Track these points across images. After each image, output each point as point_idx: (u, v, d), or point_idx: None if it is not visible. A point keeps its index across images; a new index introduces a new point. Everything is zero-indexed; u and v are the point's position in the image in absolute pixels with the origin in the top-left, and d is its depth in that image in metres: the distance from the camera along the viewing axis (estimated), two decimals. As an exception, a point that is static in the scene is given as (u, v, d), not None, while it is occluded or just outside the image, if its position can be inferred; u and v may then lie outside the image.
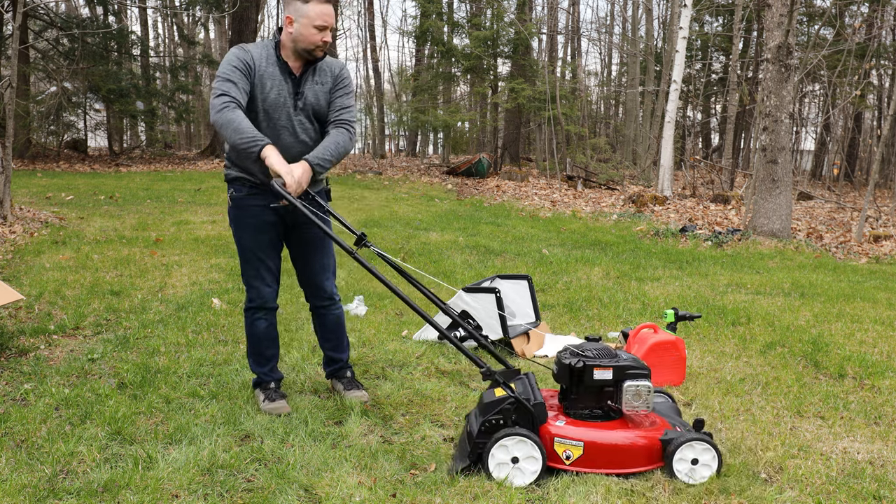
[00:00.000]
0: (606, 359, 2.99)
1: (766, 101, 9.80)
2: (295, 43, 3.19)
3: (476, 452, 2.87)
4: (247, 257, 3.41)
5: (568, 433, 2.88)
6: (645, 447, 2.89)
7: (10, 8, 12.46)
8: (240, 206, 3.33)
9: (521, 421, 2.89)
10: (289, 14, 3.18)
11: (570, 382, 3.01)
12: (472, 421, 3.03)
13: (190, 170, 19.52)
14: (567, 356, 3.03)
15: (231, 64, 3.14)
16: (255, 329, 3.51)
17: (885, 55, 20.94)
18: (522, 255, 8.12)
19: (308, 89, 3.28)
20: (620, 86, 27.45)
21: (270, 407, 3.42)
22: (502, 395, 2.96)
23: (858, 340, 4.97)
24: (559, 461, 2.87)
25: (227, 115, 3.04)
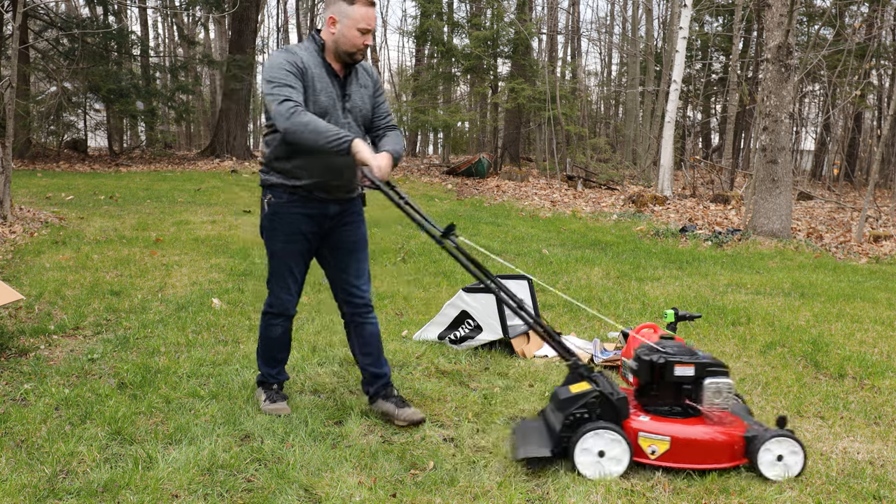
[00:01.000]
0: (687, 356, 3.01)
1: (766, 101, 9.80)
2: (336, 45, 3.13)
3: (561, 446, 2.89)
4: (276, 264, 3.35)
5: (654, 428, 2.91)
6: (728, 444, 2.91)
7: (10, 8, 12.46)
8: (277, 212, 3.25)
9: (605, 415, 2.91)
10: (332, 14, 3.11)
11: (650, 379, 3.02)
12: (551, 416, 3.06)
13: (190, 170, 19.52)
14: (648, 353, 3.05)
15: (283, 68, 3.05)
16: (271, 333, 3.47)
17: (885, 55, 20.94)
18: (522, 255, 8.12)
19: (354, 92, 3.24)
20: (620, 86, 27.45)
21: (271, 408, 3.41)
22: (580, 390, 2.98)
23: (858, 340, 4.97)
24: (644, 456, 2.90)
25: (301, 118, 2.97)
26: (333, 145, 2.96)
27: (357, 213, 3.40)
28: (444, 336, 4.57)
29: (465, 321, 4.48)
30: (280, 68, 3.05)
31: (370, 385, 3.48)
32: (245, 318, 5.01)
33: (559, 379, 4.01)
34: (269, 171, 3.25)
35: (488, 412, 3.51)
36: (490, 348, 4.49)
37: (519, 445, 3.01)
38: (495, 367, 4.21)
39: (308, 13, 29.44)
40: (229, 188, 14.73)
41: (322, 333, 4.70)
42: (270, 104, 3.02)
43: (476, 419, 3.43)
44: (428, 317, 5.01)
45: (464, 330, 4.50)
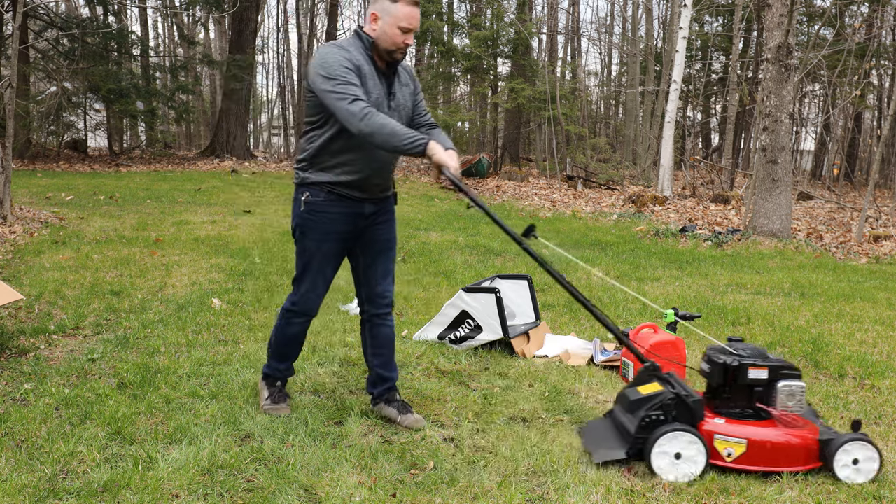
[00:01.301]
0: (761, 358, 3.01)
1: (766, 101, 9.80)
2: (377, 41, 3.11)
3: (636, 448, 2.90)
4: (307, 263, 3.28)
5: (730, 431, 2.91)
6: (804, 447, 2.91)
7: (10, 8, 12.46)
8: (314, 211, 3.20)
9: (680, 417, 2.92)
10: (374, 11, 3.09)
11: (723, 381, 3.02)
12: (622, 417, 3.06)
13: (190, 170, 19.52)
14: (721, 355, 3.05)
15: (343, 65, 3.00)
16: (289, 331, 3.42)
17: (885, 55, 20.94)
18: (522, 255, 8.11)
19: (398, 90, 3.22)
20: (620, 86, 27.45)
21: (272, 407, 3.40)
22: (651, 391, 2.99)
23: (858, 340, 4.97)
24: (720, 458, 2.90)
25: (376, 119, 2.92)
26: (409, 147, 2.94)
27: (390, 212, 3.39)
28: (444, 336, 4.57)
29: (465, 321, 4.48)
30: (339, 65, 3.00)
31: (375, 387, 3.47)
32: (245, 318, 5.01)
33: (559, 379, 4.02)
34: (309, 168, 3.20)
35: (488, 412, 3.51)
36: (490, 348, 4.49)
37: (593, 449, 3.03)
38: (495, 367, 4.21)
39: (308, 13, 29.44)
40: (229, 188, 14.74)
41: (322, 333, 4.70)
42: (337, 103, 2.96)
43: (476, 419, 3.43)
44: (428, 317, 5.01)
45: (464, 330, 4.50)
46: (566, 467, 2.93)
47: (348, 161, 3.14)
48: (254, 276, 6.41)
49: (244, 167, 20.70)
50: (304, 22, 29.81)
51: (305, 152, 3.21)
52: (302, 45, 28.96)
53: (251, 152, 25.56)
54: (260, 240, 8.33)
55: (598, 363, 4.33)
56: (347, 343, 4.51)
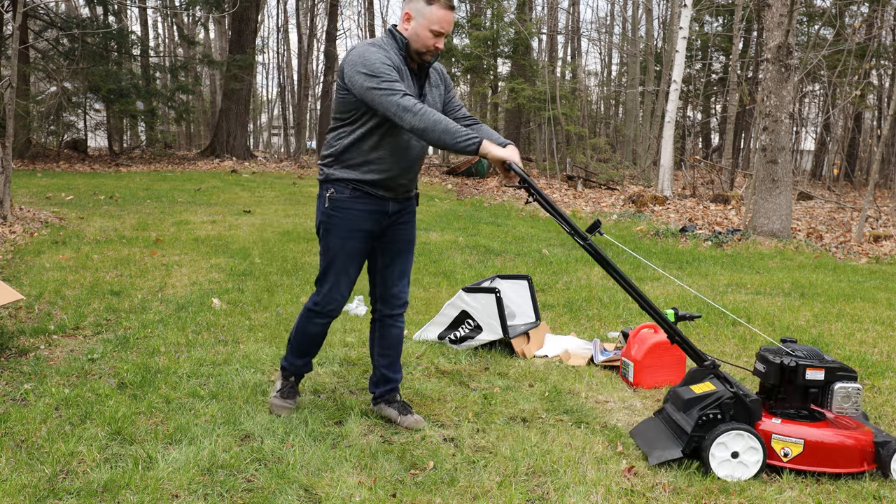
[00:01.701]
0: (818, 360, 3.01)
1: (766, 101, 9.80)
2: (409, 42, 3.08)
3: (692, 446, 2.90)
4: (332, 261, 3.23)
5: (787, 431, 2.92)
6: (859, 448, 2.91)
7: (10, 8, 12.45)
8: (338, 207, 3.16)
9: (738, 416, 2.92)
10: (408, 10, 3.06)
11: (779, 381, 3.02)
12: (676, 415, 3.06)
13: (190, 170, 19.53)
14: (778, 355, 3.05)
15: (385, 62, 2.96)
16: (311, 330, 3.38)
17: (885, 55, 20.94)
18: (522, 255, 8.12)
19: (427, 91, 3.20)
20: (620, 86, 27.45)
21: (279, 403, 3.41)
22: (706, 390, 2.99)
23: (858, 340, 4.97)
24: (777, 458, 2.91)
25: (431, 115, 2.89)
26: (464, 145, 2.91)
27: (412, 212, 3.37)
28: (444, 336, 4.57)
29: (465, 321, 4.49)
30: (382, 63, 2.96)
31: (378, 387, 3.46)
32: (245, 318, 5.01)
33: (559, 379, 4.02)
34: (335, 164, 3.16)
35: (488, 412, 3.51)
36: (490, 348, 4.49)
37: (648, 451, 3.03)
38: (495, 367, 4.21)
39: (308, 13, 29.43)
40: (229, 188, 14.74)
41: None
42: (388, 98, 2.90)
43: (476, 419, 3.43)
44: (428, 317, 5.01)
45: (464, 330, 4.50)
46: (566, 467, 2.94)
47: (376, 160, 3.12)
48: (254, 276, 6.41)
49: (244, 167, 20.70)
50: (304, 22, 29.80)
51: (332, 149, 3.17)
52: (302, 45, 28.95)
53: (251, 152, 25.57)
54: (260, 240, 8.33)
55: (598, 363, 4.33)
56: (347, 343, 4.51)
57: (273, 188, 15.10)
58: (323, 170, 3.21)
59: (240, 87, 22.69)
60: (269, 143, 40.24)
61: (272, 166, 21.94)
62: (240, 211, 10.95)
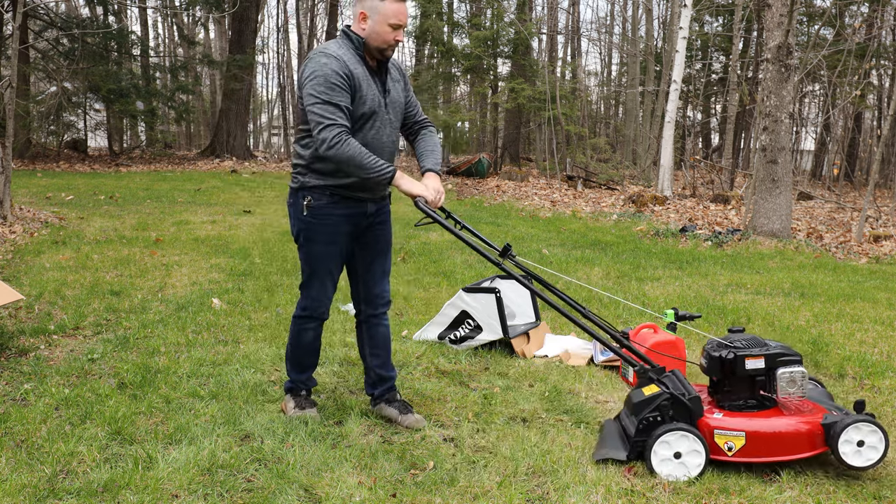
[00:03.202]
0: (757, 348, 3.00)
1: (766, 101, 9.80)
2: (368, 41, 3.07)
3: (636, 451, 2.92)
4: (314, 267, 3.24)
5: (728, 424, 2.91)
6: (807, 433, 2.89)
7: (10, 8, 12.45)
8: (317, 215, 3.14)
9: (678, 416, 2.92)
10: (363, 10, 3.05)
11: (721, 374, 3.02)
12: (626, 419, 3.08)
13: (190, 170, 19.53)
14: (716, 348, 3.05)
15: (330, 80, 2.94)
16: (303, 338, 3.37)
17: (885, 55, 20.93)
18: (522, 255, 8.12)
19: (391, 87, 3.19)
20: (620, 86, 27.45)
21: (300, 415, 3.34)
22: (653, 392, 2.99)
23: (858, 340, 4.97)
24: (721, 453, 2.90)
25: (344, 150, 2.93)
26: (377, 178, 2.99)
27: (388, 212, 3.38)
28: (444, 336, 4.57)
29: (465, 321, 4.49)
30: (326, 81, 2.95)
31: (375, 387, 3.46)
32: (245, 318, 5.01)
33: (559, 379, 4.02)
34: (308, 173, 3.15)
35: (488, 412, 3.51)
36: (490, 348, 4.49)
37: (597, 447, 3.06)
38: (495, 367, 4.21)
39: (308, 13, 29.44)
40: (229, 188, 14.73)
41: (322, 333, 4.69)
42: (312, 124, 2.97)
43: (476, 419, 3.43)
44: (428, 317, 5.01)
45: (464, 330, 4.50)
46: (566, 467, 2.94)
47: None
48: (254, 276, 6.41)
49: (244, 167, 20.70)
50: (304, 22, 29.83)
51: (302, 158, 3.16)
52: (302, 45, 28.98)
53: (251, 152, 25.56)
54: (260, 240, 8.33)
55: (598, 363, 4.33)
56: (347, 343, 4.51)
57: (273, 188, 15.10)
58: (297, 178, 3.19)
59: (240, 87, 22.68)
60: (269, 143, 40.23)
61: (272, 166, 21.94)
62: (240, 211, 10.95)
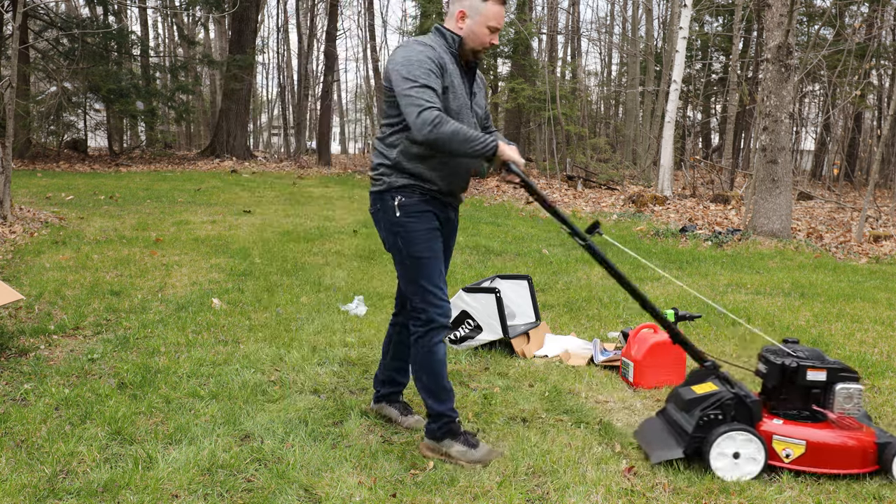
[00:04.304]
0: (819, 360, 3.01)
1: (766, 101, 9.80)
2: (465, 41, 2.97)
3: (693, 446, 2.91)
4: (426, 268, 3.00)
5: (788, 432, 2.92)
6: (861, 449, 2.91)
7: (10, 8, 12.45)
8: (411, 213, 2.96)
9: (739, 417, 2.93)
10: (462, 9, 2.94)
11: (780, 382, 3.02)
12: (676, 415, 3.07)
13: (190, 170, 19.53)
14: (778, 356, 3.04)
15: (424, 65, 2.83)
16: (438, 355, 3.01)
17: (885, 55, 20.94)
18: (522, 255, 8.12)
19: (477, 90, 3.13)
20: (620, 86, 27.45)
21: (483, 454, 2.99)
22: (709, 390, 2.99)
23: (858, 340, 4.97)
24: (778, 459, 2.91)
25: (446, 127, 2.78)
26: (481, 151, 2.84)
27: (457, 220, 3.29)
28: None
29: (465, 321, 4.49)
30: (420, 65, 2.83)
31: (384, 386, 3.41)
32: (245, 318, 5.01)
33: (559, 379, 4.02)
34: (394, 173, 2.97)
35: (488, 412, 3.51)
36: (490, 348, 4.49)
37: (649, 450, 3.03)
38: (495, 367, 4.21)
39: (308, 13, 29.44)
40: (229, 188, 14.73)
41: (322, 333, 4.70)
42: (409, 108, 2.81)
43: (476, 419, 3.43)
44: (428, 317, 5.00)
45: (464, 330, 4.50)
46: (566, 467, 2.94)
47: (437, 165, 2.98)
48: (254, 276, 6.41)
49: (244, 167, 20.70)
50: (304, 22, 29.82)
51: (387, 158, 2.98)
52: (302, 45, 28.96)
53: (251, 152, 25.58)
54: (260, 240, 8.33)
55: (598, 363, 4.33)
56: (347, 343, 4.51)
57: (273, 188, 15.10)
58: (382, 179, 2.99)
59: (240, 87, 22.69)
60: (269, 143, 40.25)
61: (272, 166, 21.94)
62: (240, 211, 10.95)
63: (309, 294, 5.79)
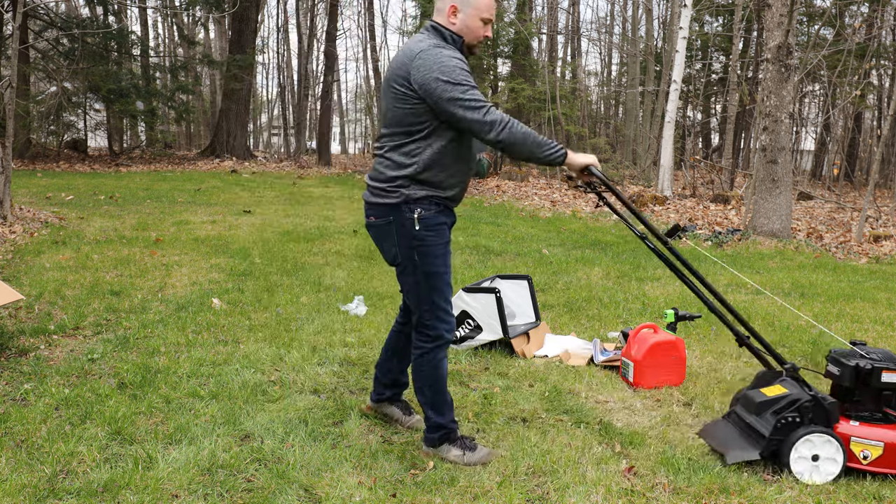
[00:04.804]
0: (893, 362, 3.02)
1: (766, 101, 9.80)
2: (462, 36, 2.91)
3: (770, 449, 2.91)
4: (439, 283, 2.94)
5: (866, 434, 2.92)
6: None
7: (10, 8, 12.46)
8: (430, 226, 2.88)
9: (816, 419, 2.93)
10: (454, 3, 2.87)
11: (854, 384, 3.02)
12: (750, 418, 3.07)
13: (190, 170, 19.53)
14: (852, 358, 3.05)
15: (463, 68, 2.77)
16: (443, 370, 3.02)
17: (885, 55, 20.94)
18: (522, 255, 8.12)
19: None
20: (620, 86, 27.45)
21: (481, 456, 3.01)
22: (779, 393, 3.00)
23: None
24: (856, 461, 2.92)
25: (518, 128, 2.74)
26: (554, 156, 2.80)
27: None
28: (444, 336, 4.56)
29: (465, 321, 4.48)
30: (461, 69, 2.76)
31: (389, 389, 3.36)
32: (245, 318, 5.01)
33: (559, 379, 4.02)
34: (412, 184, 2.86)
35: (488, 412, 3.51)
36: (490, 348, 4.49)
37: (724, 450, 3.02)
38: (495, 367, 4.21)
39: (308, 13, 29.44)
40: (229, 188, 14.74)
41: (322, 333, 4.70)
42: (468, 111, 2.73)
43: (476, 419, 3.43)
44: (428, 317, 5.00)
45: (464, 330, 4.50)
46: (566, 467, 2.94)
47: (456, 173, 2.93)
48: (254, 276, 6.41)
49: (244, 167, 20.70)
50: (304, 22, 29.82)
51: (408, 168, 2.86)
52: (302, 45, 28.96)
53: (251, 152, 25.58)
54: (260, 240, 8.33)
55: (598, 363, 4.33)
56: (347, 343, 4.51)
57: (273, 188, 15.10)
58: (399, 191, 2.87)
59: (240, 87, 22.69)
60: (269, 143, 40.25)
61: (272, 166, 21.94)
62: (240, 211, 10.95)
63: (309, 294, 5.79)
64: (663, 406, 3.70)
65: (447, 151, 2.86)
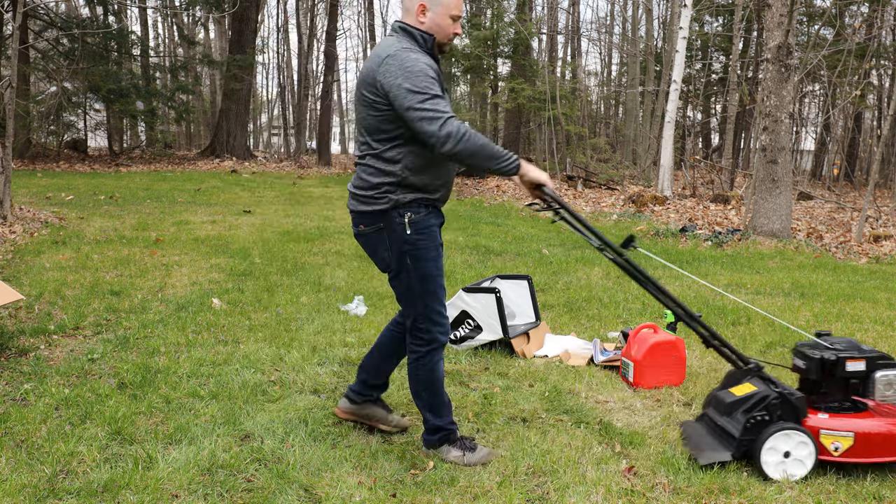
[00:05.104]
0: (857, 350, 3.02)
1: (766, 101, 9.80)
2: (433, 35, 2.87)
3: (742, 450, 2.91)
4: (432, 286, 2.92)
5: (835, 425, 2.91)
6: None
7: (10, 8, 12.46)
8: (421, 229, 2.86)
9: (785, 415, 2.93)
10: (423, 2, 2.82)
11: (821, 376, 3.02)
12: (720, 419, 3.07)
13: (190, 170, 19.53)
14: (817, 350, 3.05)
15: (428, 75, 2.71)
16: (439, 372, 3.00)
17: (885, 55, 20.93)
18: (522, 255, 8.12)
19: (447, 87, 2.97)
20: (620, 86, 27.45)
21: (481, 456, 3.00)
22: (749, 391, 2.99)
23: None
24: (827, 453, 2.91)
25: (474, 139, 2.69)
26: (507, 168, 2.77)
27: None
28: (444, 336, 4.56)
29: (465, 321, 4.48)
30: (425, 76, 2.71)
31: (378, 390, 3.32)
32: (245, 318, 5.01)
33: (559, 379, 4.02)
34: (399, 189, 2.83)
35: (488, 412, 3.51)
36: (490, 348, 4.49)
37: (697, 452, 3.03)
38: (495, 367, 4.21)
39: (308, 13, 29.43)
40: (229, 188, 14.74)
41: (322, 333, 4.70)
42: (425, 123, 2.67)
43: (476, 419, 3.43)
44: (428, 317, 5.00)
45: (464, 330, 4.50)
46: (566, 467, 2.94)
47: (441, 174, 2.91)
48: (254, 276, 6.41)
49: (244, 167, 20.70)
50: (304, 22, 29.82)
51: (389, 174, 2.82)
52: (302, 45, 28.96)
53: (251, 152, 25.57)
54: (260, 240, 8.33)
55: (598, 363, 4.33)
56: (347, 343, 4.51)
57: (273, 188, 15.10)
58: (386, 196, 2.83)
59: (240, 87, 22.69)
60: (269, 143, 40.24)
61: (272, 166, 21.95)
62: (240, 211, 10.95)
63: (309, 294, 5.79)
64: (663, 406, 3.71)
65: (429, 154, 2.81)
